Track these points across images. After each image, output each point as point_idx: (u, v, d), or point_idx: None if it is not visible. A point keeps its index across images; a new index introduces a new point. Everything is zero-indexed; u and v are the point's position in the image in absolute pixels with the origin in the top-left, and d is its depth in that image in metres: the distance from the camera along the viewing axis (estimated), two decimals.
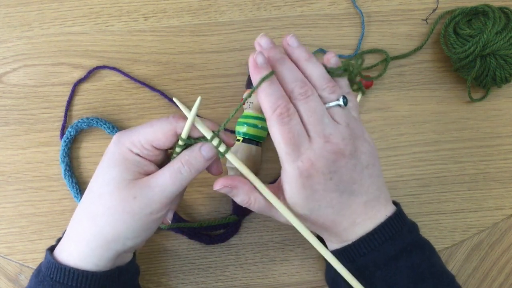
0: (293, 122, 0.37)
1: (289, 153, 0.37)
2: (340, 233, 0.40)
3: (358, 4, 0.54)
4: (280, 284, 0.50)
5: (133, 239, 0.38)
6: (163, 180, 0.37)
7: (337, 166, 0.37)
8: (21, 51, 0.53)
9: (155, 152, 0.39)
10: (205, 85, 0.53)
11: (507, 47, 0.47)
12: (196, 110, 0.37)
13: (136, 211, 0.37)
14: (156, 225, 0.39)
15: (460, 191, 0.52)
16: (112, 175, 0.37)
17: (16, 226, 0.50)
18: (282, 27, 0.54)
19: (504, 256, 0.51)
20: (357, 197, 0.39)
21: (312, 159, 0.37)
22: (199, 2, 0.54)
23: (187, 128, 0.37)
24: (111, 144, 0.39)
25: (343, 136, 0.37)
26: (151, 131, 0.38)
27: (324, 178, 0.37)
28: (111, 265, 0.39)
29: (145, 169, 0.38)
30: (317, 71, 0.39)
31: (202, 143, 0.38)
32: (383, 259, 0.38)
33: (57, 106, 0.52)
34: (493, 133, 0.53)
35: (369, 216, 0.39)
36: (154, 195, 0.37)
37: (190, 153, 0.38)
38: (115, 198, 0.37)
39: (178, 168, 0.37)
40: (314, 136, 0.37)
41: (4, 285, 0.50)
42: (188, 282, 0.50)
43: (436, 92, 0.53)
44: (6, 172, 0.51)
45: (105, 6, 0.54)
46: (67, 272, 0.38)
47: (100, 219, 0.38)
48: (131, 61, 0.53)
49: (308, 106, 0.37)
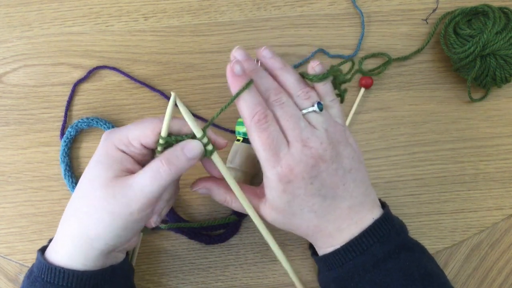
0: (271, 128, 0.37)
1: (268, 159, 0.37)
2: (326, 238, 0.40)
3: (358, 4, 0.54)
4: (280, 284, 0.50)
5: (115, 238, 0.37)
6: (143, 180, 0.36)
7: (318, 170, 0.37)
8: (21, 51, 0.53)
9: (142, 151, 0.38)
10: (205, 85, 0.53)
11: (507, 47, 0.47)
12: (172, 105, 0.36)
13: (115, 210, 0.36)
14: (138, 225, 0.38)
15: (460, 191, 0.52)
16: (96, 173, 0.37)
17: (16, 226, 0.50)
18: (282, 27, 0.54)
19: (504, 256, 0.51)
20: (341, 202, 0.39)
21: (291, 164, 0.37)
22: (199, 2, 0.54)
23: (166, 124, 0.36)
24: (100, 141, 0.39)
25: (321, 140, 0.37)
26: (139, 127, 0.38)
27: (304, 183, 0.37)
28: (101, 264, 0.39)
29: (129, 167, 0.38)
30: (291, 79, 0.39)
31: (186, 141, 0.37)
32: (372, 262, 0.38)
33: (57, 106, 0.52)
34: (493, 133, 0.53)
35: (355, 221, 0.39)
36: (134, 195, 0.36)
37: (171, 151, 0.37)
38: (97, 196, 0.36)
39: (157, 167, 0.36)
40: (292, 140, 0.37)
41: (4, 285, 0.50)
42: (188, 282, 0.50)
43: (436, 92, 0.53)
44: (6, 172, 0.51)
45: (105, 6, 0.54)
46: (57, 272, 0.37)
47: (83, 217, 0.37)
48: (131, 61, 0.53)
49: (283, 111, 0.38)
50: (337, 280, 0.40)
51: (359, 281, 0.38)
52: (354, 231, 0.39)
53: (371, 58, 0.54)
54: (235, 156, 0.48)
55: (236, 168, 0.48)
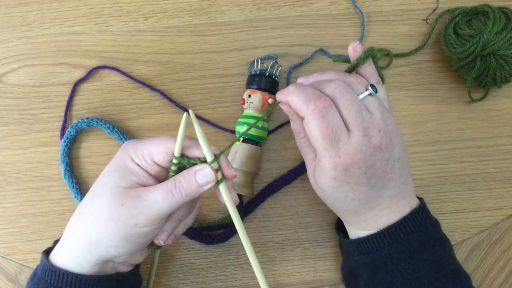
0: (330, 115, 0.36)
1: (326, 148, 0.36)
2: (361, 222, 0.40)
3: (358, 4, 0.54)
4: (280, 284, 0.50)
5: (116, 247, 0.37)
6: (154, 196, 0.36)
7: (373, 160, 0.37)
8: (21, 51, 0.53)
9: (154, 167, 0.38)
10: (205, 85, 0.53)
11: (507, 47, 0.47)
12: (184, 125, 0.36)
13: (120, 218, 0.36)
14: (142, 239, 0.37)
15: (460, 191, 0.52)
16: (109, 179, 0.37)
17: (16, 226, 0.50)
18: (282, 27, 0.54)
19: (504, 256, 0.51)
20: (385, 192, 0.39)
21: (350, 154, 0.36)
22: (199, 2, 0.54)
23: (178, 144, 0.36)
24: (119, 150, 0.39)
25: (379, 128, 0.37)
26: (154, 143, 0.37)
27: (359, 172, 0.37)
28: (98, 270, 0.38)
29: (143, 180, 0.37)
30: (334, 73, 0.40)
31: (200, 167, 0.36)
32: (407, 251, 0.38)
33: (57, 106, 0.52)
34: (493, 133, 0.53)
35: (393, 210, 0.39)
36: (142, 208, 0.36)
37: (184, 175, 0.37)
38: (104, 201, 0.36)
39: (170, 188, 0.36)
40: (353, 129, 0.36)
41: (4, 285, 0.50)
42: (188, 282, 0.50)
43: (436, 92, 0.53)
44: (6, 172, 0.51)
45: (105, 6, 0.54)
46: (61, 275, 0.37)
47: (87, 218, 0.37)
48: (131, 61, 0.53)
49: (346, 99, 0.37)
50: (368, 265, 0.40)
51: (392, 269, 0.38)
52: (390, 219, 0.39)
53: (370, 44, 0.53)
54: (235, 156, 0.48)
55: (236, 168, 0.48)
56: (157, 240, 0.40)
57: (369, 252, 0.40)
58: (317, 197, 0.52)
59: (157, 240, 0.40)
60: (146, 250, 0.42)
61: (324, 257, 0.50)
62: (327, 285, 0.50)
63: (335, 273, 0.50)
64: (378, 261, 0.39)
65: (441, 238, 0.40)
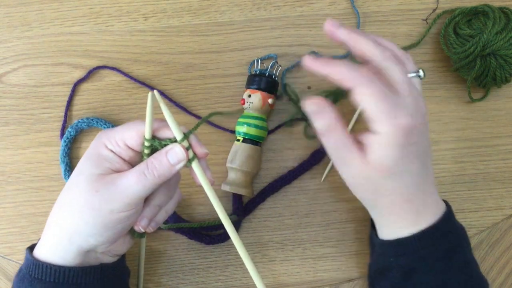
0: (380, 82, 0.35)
1: (386, 110, 0.35)
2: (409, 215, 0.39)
3: (358, 4, 0.54)
4: (280, 284, 0.50)
5: (94, 236, 0.37)
6: (127, 180, 0.36)
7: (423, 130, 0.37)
8: (21, 51, 0.53)
9: (128, 152, 0.38)
10: (205, 85, 0.53)
11: (507, 47, 0.47)
12: (150, 106, 0.36)
13: (96, 205, 0.36)
14: (119, 226, 0.37)
15: (460, 191, 0.52)
16: (84, 168, 0.37)
17: (16, 226, 0.50)
18: (282, 27, 0.54)
19: (504, 256, 0.51)
20: (428, 175, 0.39)
21: (411, 114, 0.35)
22: (199, 2, 0.54)
23: (148, 126, 0.36)
24: (94, 139, 0.39)
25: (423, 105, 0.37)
26: (126, 128, 0.38)
27: (415, 139, 0.36)
28: (81, 261, 0.38)
29: (117, 166, 0.38)
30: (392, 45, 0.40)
31: (170, 146, 0.37)
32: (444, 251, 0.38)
33: (57, 106, 0.52)
34: (493, 133, 0.53)
35: (435, 199, 0.40)
36: (116, 193, 0.36)
37: (156, 155, 0.37)
38: (79, 190, 0.37)
39: (142, 169, 0.36)
40: (405, 94, 0.36)
41: (4, 285, 0.50)
42: (188, 282, 0.50)
43: (436, 92, 0.53)
44: (6, 172, 0.51)
45: (105, 6, 0.54)
46: (44, 268, 0.37)
47: (64, 209, 0.38)
48: (131, 61, 0.53)
49: (400, 67, 0.37)
50: (404, 266, 0.39)
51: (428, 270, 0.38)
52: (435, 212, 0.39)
53: None
54: (235, 156, 0.48)
55: (236, 168, 0.48)
56: (136, 226, 0.40)
57: (408, 253, 0.39)
58: (317, 197, 0.52)
59: (137, 226, 0.40)
60: (129, 239, 0.42)
61: (324, 257, 0.50)
62: (327, 285, 0.50)
63: (335, 273, 0.50)
64: (416, 262, 0.38)
65: (467, 238, 0.41)
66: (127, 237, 0.42)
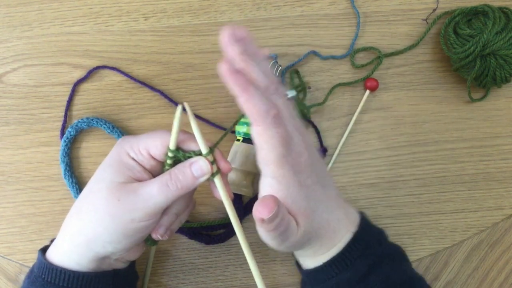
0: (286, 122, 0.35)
1: (284, 154, 0.35)
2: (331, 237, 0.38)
3: (358, 4, 0.54)
4: (280, 284, 0.50)
5: (112, 243, 0.37)
6: (150, 190, 0.36)
7: (314, 158, 0.37)
8: (21, 51, 0.53)
9: (150, 161, 0.38)
10: (205, 85, 0.53)
11: (507, 47, 0.47)
12: (179, 117, 0.36)
13: (117, 214, 0.36)
14: (138, 234, 0.37)
15: (460, 191, 0.52)
16: (105, 175, 0.37)
17: (16, 226, 0.50)
18: (282, 27, 0.54)
19: (504, 256, 0.51)
20: (330, 190, 0.38)
21: (299, 153, 0.35)
22: (199, 2, 0.54)
23: (173, 136, 0.36)
24: (114, 146, 0.39)
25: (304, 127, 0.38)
26: (150, 137, 0.38)
27: (309, 171, 0.36)
28: (95, 267, 0.38)
29: (138, 175, 0.38)
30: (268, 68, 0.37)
31: (195, 159, 0.37)
32: (356, 278, 0.37)
33: (57, 106, 0.52)
34: (493, 133, 0.53)
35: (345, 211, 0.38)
36: (138, 202, 0.36)
37: (180, 167, 0.37)
38: (100, 197, 0.36)
39: (166, 180, 0.36)
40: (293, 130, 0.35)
41: (4, 285, 0.50)
42: (188, 282, 0.50)
43: (436, 92, 0.53)
44: (6, 172, 0.51)
45: (105, 6, 0.54)
46: (58, 272, 0.37)
47: (84, 215, 0.37)
48: (131, 61, 0.53)
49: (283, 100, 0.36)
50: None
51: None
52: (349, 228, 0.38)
53: (366, 51, 0.53)
54: (235, 156, 0.48)
55: (236, 168, 0.48)
56: (154, 234, 0.40)
57: (319, 283, 0.39)
58: None
59: (155, 234, 0.40)
60: (142, 246, 0.42)
61: None
62: None
63: None
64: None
65: (387, 252, 0.39)
66: (141, 245, 0.42)
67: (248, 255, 0.39)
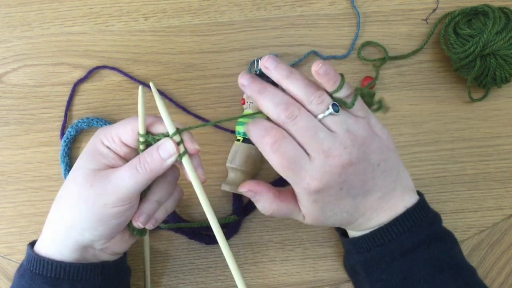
0: (284, 148, 0.36)
1: (290, 177, 0.37)
2: (355, 226, 0.41)
3: (358, 4, 0.54)
4: (280, 284, 0.50)
5: (90, 230, 0.37)
6: (120, 174, 0.37)
7: (346, 175, 0.37)
8: (21, 51, 0.53)
9: (123, 148, 0.39)
10: (205, 85, 0.53)
11: (507, 47, 0.47)
12: (142, 99, 0.36)
13: (90, 199, 0.36)
14: (114, 220, 0.38)
15: (460, 191, 0.52)
16: (81, 163, 0.38)
17: (16, 226, 0.50)
18: (282, 27, 0.54)
19: (504, 256, 0.51)
20: (371, 196, 0.39)
21: (317, 177, 0.36)
22: (199, 2, 0.54)
23: (141, 121, 0.37)
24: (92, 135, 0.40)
25: (344, 145, 0.36)
26: (122, 124, 0.38)
27: (334, 191, 0.37)
28: (79, 257, 0.39)
29: (112, 162, 0.38)
30: (300, 85, 0.37)
31: (162, 141, 0.37)
32: (400, 251, 0.39)
33: (57, 106, 0.52)
34: (493, 133, 0.53)
35: (385, 209, 0.39)
36: (109, 187, 0.36)
37: (148, 150, 0.38)
38: (76, 184, 0.37)
39: (135, 164, 0.37)
40: (313, 154, 0.36)
41: (4, 285, 0.50)
42: (188, 282, 0.50)
43: (436, 92, 0.53)
44: (6, 172, 0.51)
45: (105, 6, 0.54)
46: (45, 263, 0.38)
47: (62, 203, 0.39)
48: (131, 61, 0.53)
49: (297, 127, 0.36)
50: (364, 263, 0.41)
51: (386, 268, 0.39)
52: (383, 219, 0.39)
53: (370, 51, 0.53)
54: (235, 156, 0.48)
55: (236, 168, 0.48)
56: (135, 222, 0.40)
57: (364, 251, 0.40)
58: None
59: (135, 222, 0.40)
60: (128, 237, 0.42)
61: (324, 257, 0.50)
62: (327, 285, 0.50)
63: (335, 273, 0.50)
64: (372, 260, 0.40)
65: (438, 234, 0.40)
66: (126, 235, 0.42)
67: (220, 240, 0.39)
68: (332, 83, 0.37)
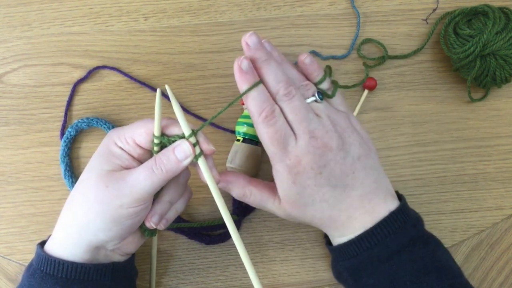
0: (279, 123, 0.38)
1: (276, 152, 0.38)
2: (339, 228, 0.40)
3: (358, 4, 0.54)
4: (280, 284, 0.50)
5: (104, 231, 0.37)
6: (137, 175, 0.37)
7: (326, 160, 0.38)
8: (21, 51, 0.53)
9: (137, 150, 0.39)
10: (205, 85, 0.53)
11: (507, 47, 0.47)
12: (159, 102, 0.37)
13: (105, 200, 0.37)
14: (128, 221, 0.38)
15: (460, 191, 0.52)
16: (94, 164, 0.38)
17: (16, 226, 0.50)
18: (282, 27, 0.54)
19: (504, 256, 0.51)
20: (351, 191, 0.39)
21: (299, 156, 0.38)
22: (199, 2, 0.54)
23: (157, 122, 0.37)
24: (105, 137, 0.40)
25: (326, 129, 0.38)
26: (136, 126, 0.39)
27: (313, 173, 0.38)
28: (90, 258, 0.39)
29: (126, 163, 0.39)
30: (294, 71, 0.41)
31: (178, 143, 0.38)
32: (386, 254, 0.38)
33: (57, 106, 0.52)
34: (493, 133, 0.53)
35: (367, 210, 0.39)
36: (125, 188, 0.37)
37: (164, 152, 0.38)
38: (90, 185, 0.37)
39: (151, 165, 0.37)
40: (299, 133, 0.38)
41: (4, 285, 0.50)
42: (188, 282, 0.50)
43: (436, 92, 0.53)
44: (6, 172, 0.51)
45: (105, 6, 0.54)
46: (56, 263, 0.38)
47: (75, 204, 0.38)
48: (131, 61, 0.53)
49: (292, 105, 0.38)
50: (350, 269, 0.41)
51: (372, 272, 0.39)
52: (367, 221, 0.39)
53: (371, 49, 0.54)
54: (235, 156, 0.48)
55: (236, 168, 0.48)
56: (148, 222, 0.40)
57: (351, 257, 0.40)
58: None
59: (148, 222, 0.40)
60: (139, 238, 0.42)
61: (324, 257, 0.50)
62: (327, 285, 0.50)
63: None
64: (359, 265, 0.40)
65: (422, 237, 0.40)
66: (137, 236, 0.42)
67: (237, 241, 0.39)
68: (316, 74, 0.41)
